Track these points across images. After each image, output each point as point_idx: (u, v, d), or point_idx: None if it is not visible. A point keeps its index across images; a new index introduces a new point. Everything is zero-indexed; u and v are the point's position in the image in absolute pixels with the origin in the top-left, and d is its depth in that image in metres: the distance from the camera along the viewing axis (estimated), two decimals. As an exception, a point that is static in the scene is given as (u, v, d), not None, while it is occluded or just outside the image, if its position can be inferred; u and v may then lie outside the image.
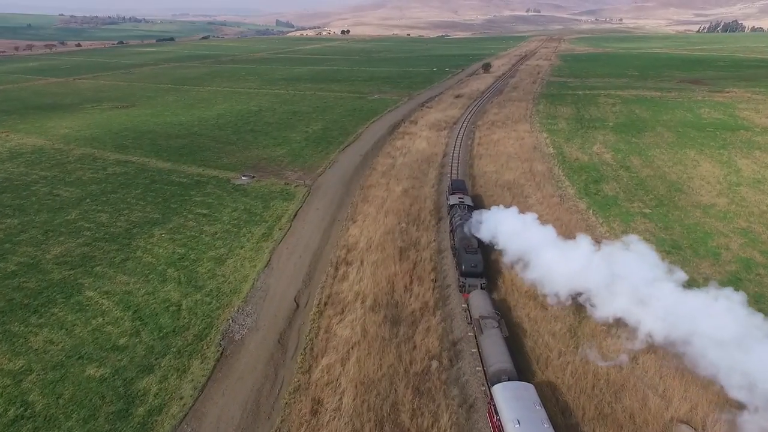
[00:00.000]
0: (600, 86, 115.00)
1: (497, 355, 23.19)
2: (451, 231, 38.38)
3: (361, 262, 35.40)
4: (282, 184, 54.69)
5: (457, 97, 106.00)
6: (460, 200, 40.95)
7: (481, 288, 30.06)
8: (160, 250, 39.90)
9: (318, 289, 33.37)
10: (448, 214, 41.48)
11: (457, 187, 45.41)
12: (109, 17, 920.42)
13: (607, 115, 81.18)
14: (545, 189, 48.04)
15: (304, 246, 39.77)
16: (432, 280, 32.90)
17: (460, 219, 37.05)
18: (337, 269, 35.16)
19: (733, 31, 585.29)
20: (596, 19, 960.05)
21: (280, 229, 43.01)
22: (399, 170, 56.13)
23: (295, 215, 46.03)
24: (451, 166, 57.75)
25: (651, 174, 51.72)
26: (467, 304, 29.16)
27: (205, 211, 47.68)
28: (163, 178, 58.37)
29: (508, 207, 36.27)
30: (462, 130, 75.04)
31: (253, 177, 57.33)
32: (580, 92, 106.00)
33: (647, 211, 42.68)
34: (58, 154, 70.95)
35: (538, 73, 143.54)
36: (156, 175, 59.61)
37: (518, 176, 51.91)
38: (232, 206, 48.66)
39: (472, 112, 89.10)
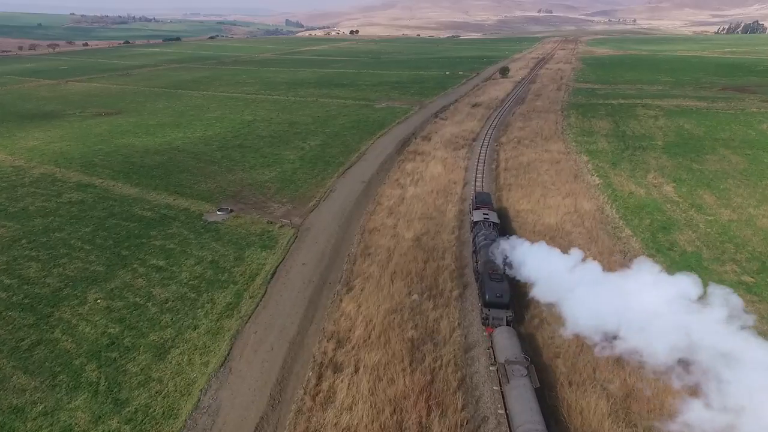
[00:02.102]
0: (633, 94, 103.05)
1: (526, 413, 19.61)
2: (473, 252, 34.74)
3: (356, 368, 24.56)
4: (264, 222, 44.08)
5: (475, 106, 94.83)
6: (485, 217, 37.08)
7: (508, 322, 26.19)
8: (88, 329, 29.49)
9: (291, 416, 22.61)
10: (471, 231, 37.75)
11: (482, 201, 40.87)
12: (120, 17, 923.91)
13: (653, 132, 69.50)
14: (600, 240, 36.84)
15: (280, 330, 29.01)
16: (459, 409, 21.95)
17: (485, 239, 33.25)
18: (320, 379, 24.31)
19: (754, 32, 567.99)
20: (609, 20, 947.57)
21: (251, 297, 32.35)
22: (410, 206, 45.22)
23: (274, 273, 35.36)
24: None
25: (734, 218, 40.26)
26: (491, 343, 25.30)
27: (161, 263, 37.25)
28: (123, 211, 48.09)
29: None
30: (483, 149, 63.97)
31: (231, 211, 46.80)
32: (612, 101, 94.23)
33: (749, 279, 31.37)
34: (14, 173, 61.16)
35: (561, 79, 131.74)
36: (117, 206, 49.35)
37: (562, 219, 40.72)
38: (197, 256, 38.16)
39: (493, 125, 77.98)
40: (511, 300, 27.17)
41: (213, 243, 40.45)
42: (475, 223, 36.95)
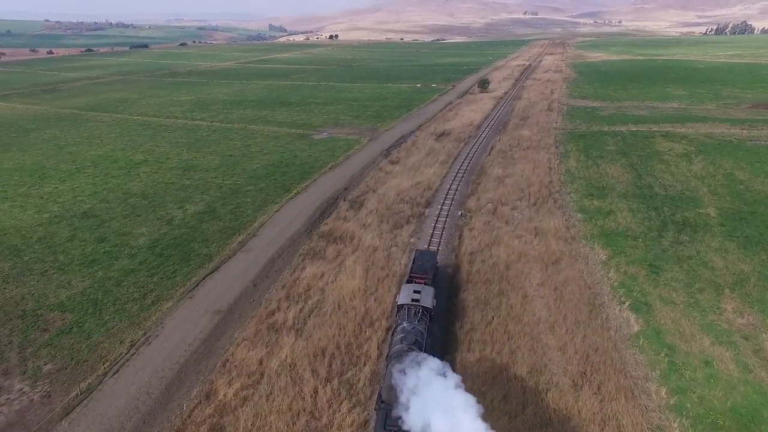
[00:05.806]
0: (646, 117, 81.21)
1: None
2: (387, 357, 20.69)
3: None
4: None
5: (441, 137, 72.08)
6: (414, 298, 23.10)
7: None
8: None
9: None
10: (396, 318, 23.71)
11: (421, 268, 26.98)
12: (95, 23, 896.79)
13: (693, 187, 47.20)
14: None
15: None
16: None
17: (402, 339, 19.81)
18: None
19: (743, 33, 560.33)
20: (595, 22, 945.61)
21: None
22: (265, 405, 21.90)
23: None
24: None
25: None
26: None
27: None
28: None
29: None
30: (439, 224, 41.02)
31: None
32: (621, 128, 72.16)
33: None
34: None
35: (552, 93, 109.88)
36: None
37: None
38: None
39: (460, 173, 55.19)
40: None
41: None
42: (399, 307, 23.93)
